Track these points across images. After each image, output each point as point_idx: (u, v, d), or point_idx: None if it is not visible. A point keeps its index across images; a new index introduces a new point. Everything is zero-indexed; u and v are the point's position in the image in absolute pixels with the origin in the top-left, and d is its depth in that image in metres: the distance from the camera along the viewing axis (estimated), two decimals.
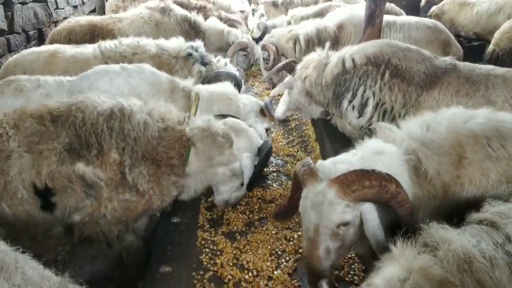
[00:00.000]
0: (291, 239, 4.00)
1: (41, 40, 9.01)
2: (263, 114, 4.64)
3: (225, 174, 3.57)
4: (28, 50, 5.52)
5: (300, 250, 3.84)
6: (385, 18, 5.99)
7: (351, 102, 4.42)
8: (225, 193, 3.77)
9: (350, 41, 6.46)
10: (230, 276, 3.59)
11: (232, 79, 4.96)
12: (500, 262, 1.94)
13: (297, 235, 4.02)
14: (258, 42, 7.99)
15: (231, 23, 8.81)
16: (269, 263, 3.69)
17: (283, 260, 3.74)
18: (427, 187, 2.75)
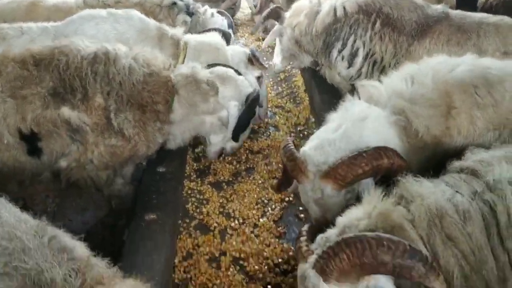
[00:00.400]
0: None
1: None
2: (252, 63, 4.54)
3: (213, 123, 3.52)
4: None
5: (286, 199, 3.87)
6: None
7: (341, 52, 4.32)
8: (217, 144, 3.75)
9: None
10: (216, 224, 3.63)
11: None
12: (473, 215, 1.91)
13: None
14: None
15: None
16: (255, 211, 3.73)
17: (269, 208, 3.79)
18: (418, 143, 2.70)
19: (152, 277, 2.73)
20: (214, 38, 4.49)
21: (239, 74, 3.78)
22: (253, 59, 4.52)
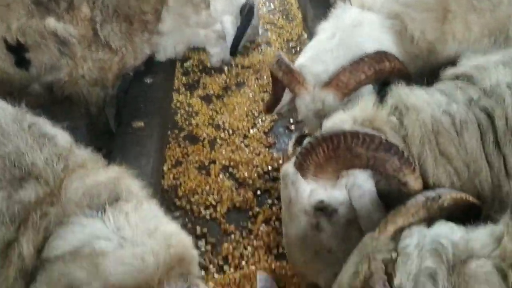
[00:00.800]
0: None
1: None
2: None
3: (207, 35, 3.55)
4: None
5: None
6: None
7: None
8: (216, 54, 3.78)
9: None
10: (206, 134, 3.59)
11: None
12: (469, 125, 1.84)
13: None
14: None
15: None
16: (245, 123, 3.68)
17: (260, 120, 3.74)
18: (413, 50, 2.62)
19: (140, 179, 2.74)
20: None
21: None
22: None
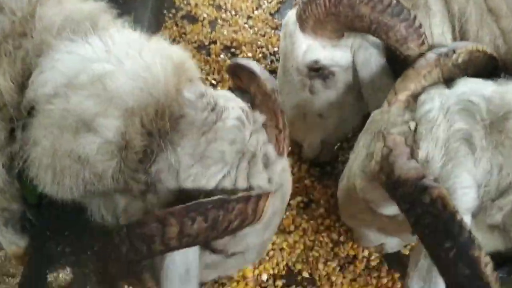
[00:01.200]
0: None
1: None
2: None
3: None
4: None
5: None
6: None
7: None
8: None
9: None
10: (206, 14, 3.23)
11: None
12: None
13: None
14: None
15: None
16: (249, 3, 3.31)
17: (265, 1, 3.34)
18: None
19: None
20: None
21: None
22: None
